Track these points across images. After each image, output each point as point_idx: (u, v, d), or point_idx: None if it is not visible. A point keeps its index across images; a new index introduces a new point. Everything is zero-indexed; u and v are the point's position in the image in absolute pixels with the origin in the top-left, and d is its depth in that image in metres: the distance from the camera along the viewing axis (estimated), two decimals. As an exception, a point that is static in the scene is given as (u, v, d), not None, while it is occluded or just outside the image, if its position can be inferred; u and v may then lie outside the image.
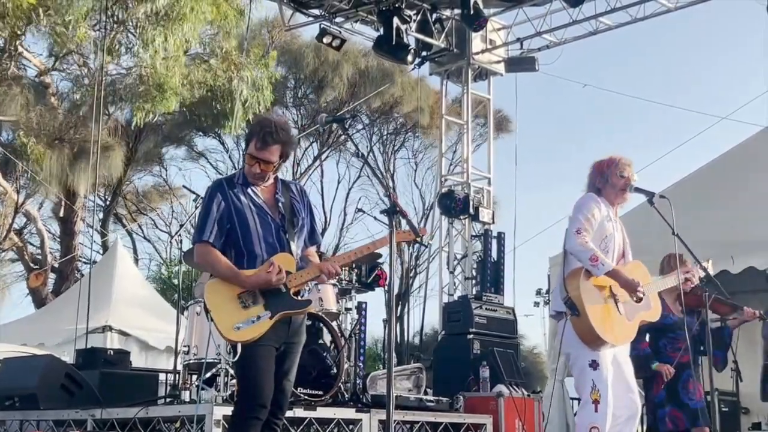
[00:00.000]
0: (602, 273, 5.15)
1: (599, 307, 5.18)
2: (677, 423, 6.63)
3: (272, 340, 4.35)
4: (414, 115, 22.48)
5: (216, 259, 4.39)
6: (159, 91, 14.87)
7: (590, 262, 5.16)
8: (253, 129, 4.50)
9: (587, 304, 5.13)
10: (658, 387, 6.72)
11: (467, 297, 9.99)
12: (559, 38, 12.66)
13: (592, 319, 5.10)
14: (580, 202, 5.42)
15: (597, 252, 5.18)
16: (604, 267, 5.16)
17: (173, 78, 14.77)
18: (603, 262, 5.16)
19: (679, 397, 6.55)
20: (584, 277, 5.19)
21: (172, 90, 14.87)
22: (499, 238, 11.55)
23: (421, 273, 24.81)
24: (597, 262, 5.15)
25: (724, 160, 10.44)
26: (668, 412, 6.72)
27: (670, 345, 6.59)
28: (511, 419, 7.74)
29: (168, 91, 14.83)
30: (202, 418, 5.68)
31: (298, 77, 23.00)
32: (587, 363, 5.18)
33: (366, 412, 6.67)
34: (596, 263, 5.15)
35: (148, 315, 13.11)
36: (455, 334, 8.86)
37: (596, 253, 5.17)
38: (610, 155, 5.57)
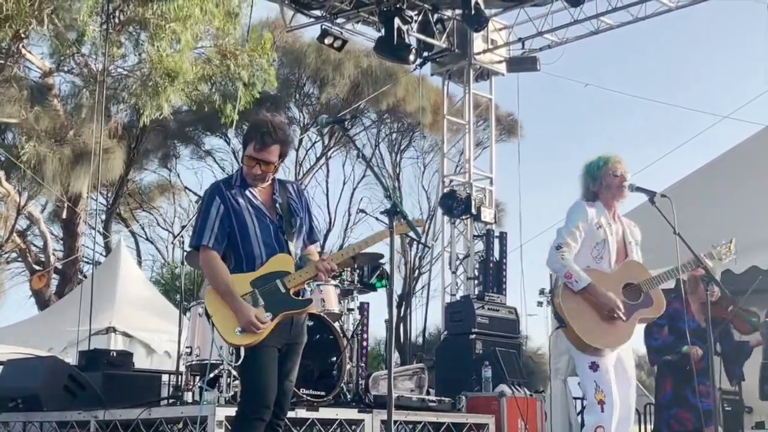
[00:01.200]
0: (578, 289, 5.15)
1: (587, 315, 5.17)
2: (684, 423, 6.64)
3: (274, 341, 4.37)
4: (418, 115, 22.51)
5: (216, 269, 4.39)
6: (170, 79, 14.83)
7: (566, 279, 5.17)
8: (249, 131, 4.50)
9: (571, 317, 5.15)
10: (666, 388, 6.74)
11: (469, 297, 10.01)
12: (561, 38, 12.67)
13: (579, 330, 5.13)
14: (568, 212, 5.41)
15: (571, 269, 5.15)
16: (579, 283, 5.14)
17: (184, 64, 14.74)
18: (578, 279, 5.14)
19: (689, 401, 6.55)
20: (566, 289, 5.21)
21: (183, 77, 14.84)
22: (501, 237, 11.57)
23: (424, 273, 24.82)
24: (572, 279, 5.15)
25: (726, 159, 10.44)
26: (674, 414, 6.73)
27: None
28: (513, 419, 7.75)
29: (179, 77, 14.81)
30: (204, 419, 5.70)
31: (300, 77, 23.01)
32: (587, 365, 5.20)
33: (368, 412, 6.68)
34: (571, 280, 5.15)
35: (152, 316, 13.13)
36: (457, 334, 8.87)
37: (570, 269, 5.15)
38: (598, 155, 5.53)
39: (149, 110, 15.18)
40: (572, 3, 11.34)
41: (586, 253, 5.27)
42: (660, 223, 5.60)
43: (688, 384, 6.62)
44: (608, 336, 5.21)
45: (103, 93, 13.13)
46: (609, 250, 5.37)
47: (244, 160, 4.49)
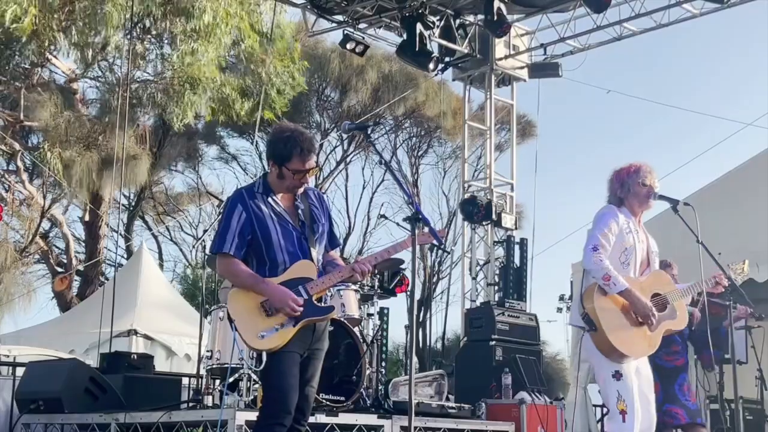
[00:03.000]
0: (615, 292, 5.12)
1: (617, 321, 5.13)
2: (677, 418, 6.62)
3: (297, 347, 4.38)
4: (438, 120, 22.49)
5: (238, 269, 4.41)
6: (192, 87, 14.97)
7: (603, 281, 5.12)
8: (287, 143, 4.48)
9: (604, 320, 5.10)
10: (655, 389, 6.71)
11: (489, 303, 9.98)
12: (583, 44, 12.62)
13: (610, 335, 5.07)
14: (597, 215, 5.37)
15: (610, 271, 5.12)
16: (617, 287, 5.11)
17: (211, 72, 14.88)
18: (615, 282, 5.11)
19: (678, 398, 6.53)
20: (600, 292, 5.16)
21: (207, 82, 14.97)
22: (521, 244, 11.54)
23: (443, 279, 24.81)
24: (609, 281, 5.11)
25: (749, 167, 10.37)
26: (666, 410, 6.69)
27: (664, 348, 6.52)
28: (533, 426, 7.72)
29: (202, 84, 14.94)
30: (225, 423, 5.71)
31: (322, 82, 23.09)
32: (610, 374, 5.15)
33: (388, 418, 6.67)
34: (608, 282, 5.11)
35: (173, 319, 13.19)
36: (477, 341, 8.85)
37: (609, 272, 5.12)
38: (630, 162, 5.49)
39: (176, 119, 15.31)
40: (595, 9, 11.27)
41: (614, 258, 5.23)
42: (681, 232, 5.57)
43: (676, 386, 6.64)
44: (636, 344, 5.18)
45: (127, 99, 13.23)
46: (636, 256, 5.34)
47: (285, 173, 4.48)
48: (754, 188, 9.99)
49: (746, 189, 10.05)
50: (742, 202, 9.95)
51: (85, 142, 16.06)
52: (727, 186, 10.28)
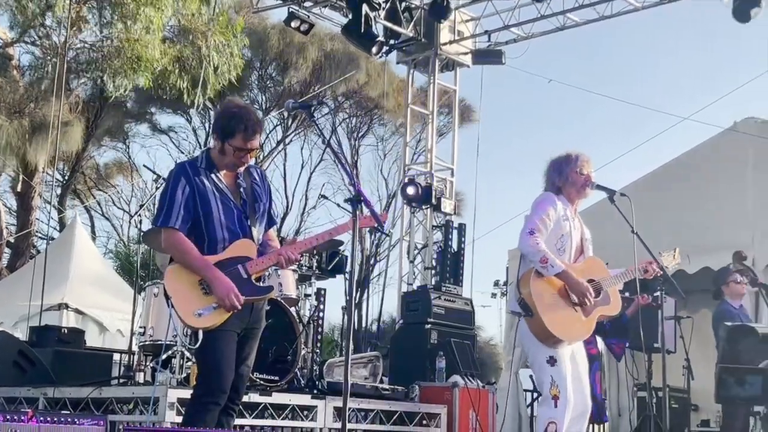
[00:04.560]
0: (552, 274, 5.19)
1: (553, 306, 5.21)
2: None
3: (234, 326, 4.36)
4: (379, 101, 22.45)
5: (186, 245, 4.35)
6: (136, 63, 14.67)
7: (540, 263, 5.20)
8: (231, 120, 4.43)
9: (540, 305, 5.17)
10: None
11: (426, 287, 10.04)
12: (527, 32, 12.72)
13: (546, 320, 5.15)
14: (536, 201, 5.45)
15: (547, 254, 5.20)
16: (554, 269, 5.19)
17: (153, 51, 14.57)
18: (552, 264, 5.18)
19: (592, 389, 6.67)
20: (536, 277, 5.23)
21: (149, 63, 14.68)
22: (460, 229, 11.60)
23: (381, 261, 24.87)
24: (547, 264, 5.18)
25: (684, 161, 10.58)
26: None
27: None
28: (465, 410, 7.80)
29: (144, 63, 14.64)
30: (156, 400, 5.66)
31: (263, 59, 22.85)
32: (545, 359, 5.22)
33: (321, 398, 6.68)
34: (546, 264, 5.18)
35: (106, 294, 12.99)
36: (413, 324, 8.89)
37: (546, 254, 5.19)
38: (567, 152, 5.58)
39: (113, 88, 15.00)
40: (538, -2, 11.38)
41: (550, 244, 5.30)
42: (617, 222, 5.67)
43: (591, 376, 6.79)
44: (572, 328, 5.26)
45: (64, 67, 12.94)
46: (571, 244, 5.42)
47: (227, 149, 4.44)
48: (688, 182, 10.21)
49: (681, 182, 10.25)
50: (677, 195, 10.15)
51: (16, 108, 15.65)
52: (663, 178, 10.47)
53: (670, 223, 9.40)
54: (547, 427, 5.12)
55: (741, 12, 10.69)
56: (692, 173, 10.24)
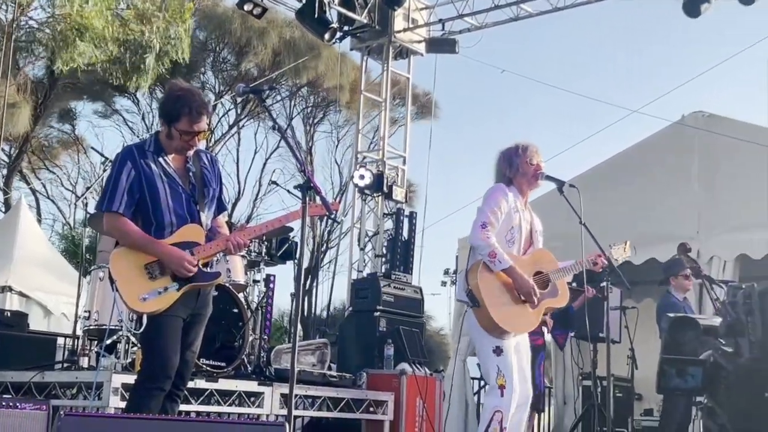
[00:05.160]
0: (499, 270, 5.22)
1: (500, 297, 5.24)
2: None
3: (179, 311, 4.32)
4: (335, 90, 22.37)
5: (129, 228, 4.30)
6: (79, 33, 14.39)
7: (489, 258, 5.23)
8: (177, 103, 4.38)
9: (487, 296, 5.20)
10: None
11: (376, 274, 10.02)
12: (480, 22, 12.74)
13: (492, 311, 5.18)
14: (488, 193, 5.46)
15: (496, 248, 5.22)
16: (501, 264, 5.22)
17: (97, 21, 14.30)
18: (501, 259, 5.21)
19: (535, 379, 6.77)
20: (484, 269, 5.26)
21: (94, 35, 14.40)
22: (411, 217, 11.61)
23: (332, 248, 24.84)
24: (495, 259, 5.21)
25: (632, 153, 10.69)
26: None
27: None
28: (412, 397, 7.83)
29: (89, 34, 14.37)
30: (100, 385, 5.59)
31: (219, 42, 22.62)
32: (491, 349, 5.25)
33: (268, 385, 6.65)
34: (494, 259, 5.21)
35: (51, 277, 12.77)
36: (362, 311, 8.89)
37: (495, 249, 5.22)
38: (516, 143, 5.60)
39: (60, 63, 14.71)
40: (494, -12, 11.40)
41: (500, 236, 5.33)
42: (566, 212, 5.72)
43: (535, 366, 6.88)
44: (518, 320, 5.30)
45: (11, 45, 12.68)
46: (521, 235, 5.45)
47: (173, 133, 4.38)
48: (636, 174, 10.32)
49: (629, 174, 10.36)
50: (625, 187, 10.26)
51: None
52: (611, 170, 10.57)
53: (618, 215, 9.51)
54: (493, 415, 5.15)
55: (691, 7, 10.84)
56: (640, 165, 10.36)
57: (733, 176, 9.60)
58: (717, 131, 9.81)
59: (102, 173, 7.65)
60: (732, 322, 4.22)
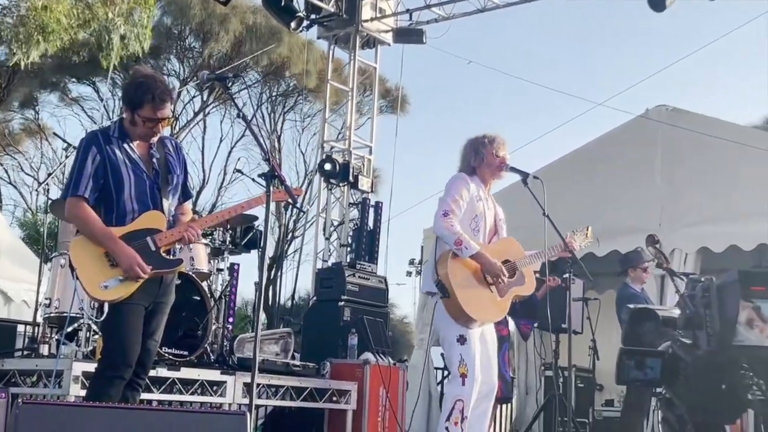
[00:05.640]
0: (467, 256, 5.24)
1: (468, 286, 5.27)
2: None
3: (141, 299, 4.29)
4: (301, 77, 22.29)
5: (89, 216, 4.27)
6: (41, 32, 14.20)
7: (455, 245, 5.25)
8: (139, 89, 4.34)
9: (456, 285, 5.22)
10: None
11: (341, 264, 10.01)
12: (448, 13, 12.74)
13: (461, 299, 5.20)
14: (449, 183, 5.49)
15: (462, 235, 5.25)
16: (468, 250, 5.25)
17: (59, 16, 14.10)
18: (467, 246, 5.24)
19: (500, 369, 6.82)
20: (452, 258, 5.28)
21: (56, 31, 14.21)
22: (376, 207, 11.62)
23: (297, 238, 24.81)
24: (461, 246, 5.24)
25: (596, 146, 10.78)
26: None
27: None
28: (375, 386, 7.84)
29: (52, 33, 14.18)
30: (60, 373, 5.53)
31: (183, 28, 22.44)
32: (455, 338, 5.28)
33: (231, 374, 6.63)
34: (461, 246, 5.24)
35: (12, 263, 12.61)
36: (326, 301, 8.88)
37: (461, 236, 5.25)
38: (484, 133, 5.63)
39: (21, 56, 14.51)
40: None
41: (464, 224, 5.36)
42: (530, 204, 5.76)
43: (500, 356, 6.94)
44: (486, 309, 5.33)
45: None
46: (485, 224, 5.49)
47: (137, 120, 4.35)
48: (600, 167, 10.40)
49: (593, 167, 10.44)
50: (589, 180, 10.35)
51: None
52: (575, 163, 10.65)
53: (581, 207, 9.58)
54: (455, 404, 5.19)
55: (656, 1, 10.91)
56: (604, 158, 10.44)
57: (696, 170, 9.71)
58: (680, 125, 9.91)
59: (64, 159, 7.58)
60: (690, 314, 4.28)
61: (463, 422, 5.17)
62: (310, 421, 7.72)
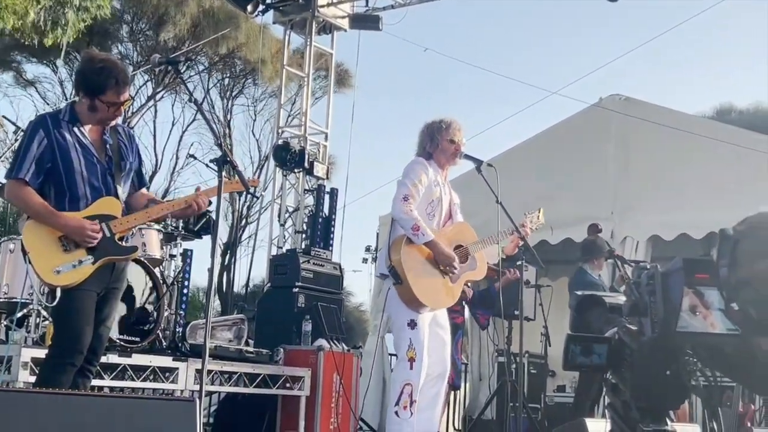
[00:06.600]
0: (421, 243, 5.35)
1: (421, 273, 5.36)
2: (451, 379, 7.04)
3: (94, 285, 4.30)
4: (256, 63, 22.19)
5: (28, 196, 4.25)
6: None
7: (412, 231, 5.35)
8: (102, 74, 4.33)
9: (409, 271, 5.31)
10: None
11: (295, 250, 10.06)
12: (404, 0, 12.79)
13: (414, 287, 5.29)
14: (408, 167, 5.57)
15: (419, 221, 5.35)
16: (424, 237, 5.34)
17: None
18: (424, 232, 5.34)
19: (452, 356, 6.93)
20: (406, 243, 5.37)
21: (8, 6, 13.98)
22: (332, 193, 11.65)
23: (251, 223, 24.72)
24: (418, 232, 5.34)
25: (550, 134, 10.91)
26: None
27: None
28: (329, 373, 7.91)
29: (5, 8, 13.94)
30: (9, 359, 5.51)
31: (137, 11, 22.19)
32: (406, 322, 5.37)
33: (183, 360, 6.64)
34: (417, 233, 5.34)
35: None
36: (281, 287, 8.92)
37: (418, 222, 5.34)
38: (441, 118, 5.71)
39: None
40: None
41: (421, 209, 5.46)
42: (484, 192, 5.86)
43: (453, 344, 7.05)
44: (438, 295, 5.43)
45: None
46: (441, 209, 5.59)
47: (98, 105, 4.34)
48: (553, 155, 10.53)
49: (547, 155, 10.56)
50: (542, 167, 10.47)
51: None
52: (529, 150, 10.77)
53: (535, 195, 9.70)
54: (403, 388, 5.28)
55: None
56: (558, 147, 10.57)
57: (648, 159, 9.88)
58: (633, 114, 10.08)
59: (14, 142, 7.51)
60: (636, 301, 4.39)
61: (412, 405, 5.27)
62: (264, 408, 7.76)
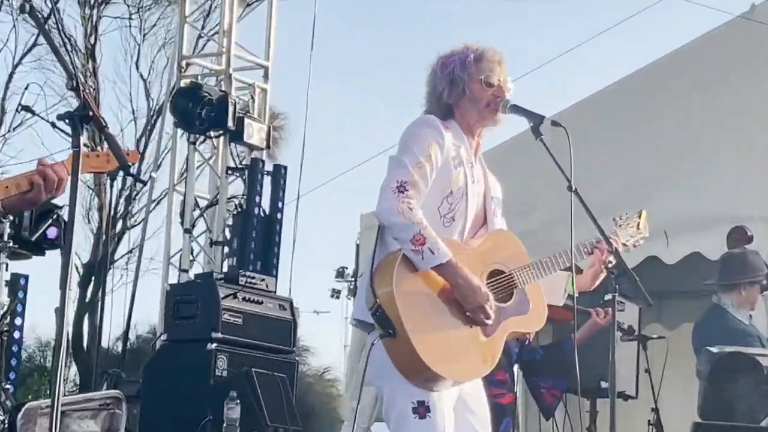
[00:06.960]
0: (430, 267, 5.11)
1: (430, 317, 5.21)
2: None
3: None
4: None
5: None
6: None
7: (412, 245, 5.07)
8: None
9: (408, 315, 5.11)
10: None
11: (212, 276, 10.05)
12: None
13: (417, 342, 5.09)
14: (408, 132, 5.37)
15: (426, 229, 5.13)
16: (434, 257, 5.06)
17: None
18: (434, 248, 5.04)
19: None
20: (405, 266, 5.16)
21: None
22: (276, 174, 11.65)
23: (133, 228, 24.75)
24: (423, 247, 5.01)
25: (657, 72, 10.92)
26: None
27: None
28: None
29: None
30: None
31: None
32: (410, 407, 5.24)
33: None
34: (421, 248, 5.03)
35: None
36: (185, 342, 8.94)
37: (424, 230, 5.12)
38: (465, 45, 5.54)
39: None
40: None
41: (431, 207, 5.27)
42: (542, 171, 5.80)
43: None
44: (461, 359, 5.27)
45: None
46: (467, 206, 5.41)
47: None
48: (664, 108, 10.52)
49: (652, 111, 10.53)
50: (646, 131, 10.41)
51: None
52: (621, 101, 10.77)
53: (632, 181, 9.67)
54: None
55: None
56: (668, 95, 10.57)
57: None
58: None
59: None
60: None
61: None
62: None
